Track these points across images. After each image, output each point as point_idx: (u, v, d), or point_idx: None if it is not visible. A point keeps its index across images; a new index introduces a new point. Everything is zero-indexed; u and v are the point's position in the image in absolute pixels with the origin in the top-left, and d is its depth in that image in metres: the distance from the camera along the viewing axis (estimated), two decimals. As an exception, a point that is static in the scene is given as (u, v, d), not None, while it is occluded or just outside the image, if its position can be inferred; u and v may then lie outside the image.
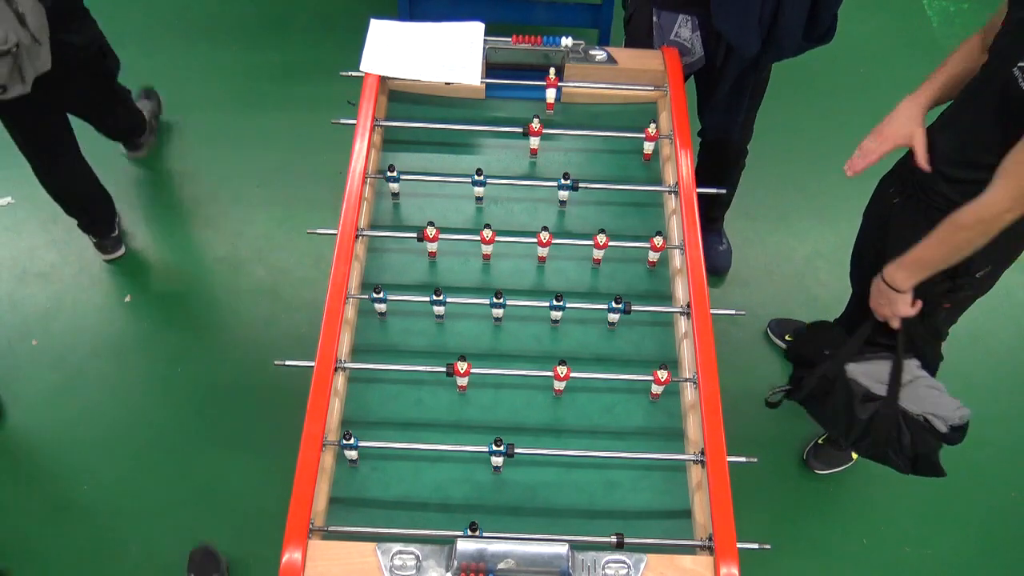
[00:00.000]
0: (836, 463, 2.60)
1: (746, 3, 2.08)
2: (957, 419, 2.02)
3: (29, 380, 2.71)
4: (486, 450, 1.56)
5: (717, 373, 1.63)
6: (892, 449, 2.05)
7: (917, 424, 2.02)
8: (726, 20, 2.13)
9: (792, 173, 3.27)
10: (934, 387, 2.05)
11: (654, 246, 1.84)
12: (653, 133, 2.00)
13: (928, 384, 2.05)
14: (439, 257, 1.90)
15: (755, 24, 2.12)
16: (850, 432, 2.07)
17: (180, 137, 3.31)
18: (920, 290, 1.98)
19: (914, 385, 2.04)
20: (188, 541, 2.40)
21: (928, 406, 2.02)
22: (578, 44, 2.12)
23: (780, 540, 2.29)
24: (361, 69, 2.07)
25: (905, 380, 2.03)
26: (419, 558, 1.42)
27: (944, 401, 2.04)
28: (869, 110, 3.48)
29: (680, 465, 1.64)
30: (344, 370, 1.69)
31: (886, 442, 2.04)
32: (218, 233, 3.04)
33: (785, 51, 2.21)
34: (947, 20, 3.87)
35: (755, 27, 2.13)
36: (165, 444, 2.59)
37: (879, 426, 2.03)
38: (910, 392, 2.03)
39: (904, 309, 1.94)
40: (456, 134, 2.08)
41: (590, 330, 1.81)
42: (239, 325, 2.84)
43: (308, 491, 1.47)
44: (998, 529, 2.55)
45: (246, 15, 3.72)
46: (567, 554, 1.41)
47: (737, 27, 2.14)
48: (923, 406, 2.02)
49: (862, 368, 2.06)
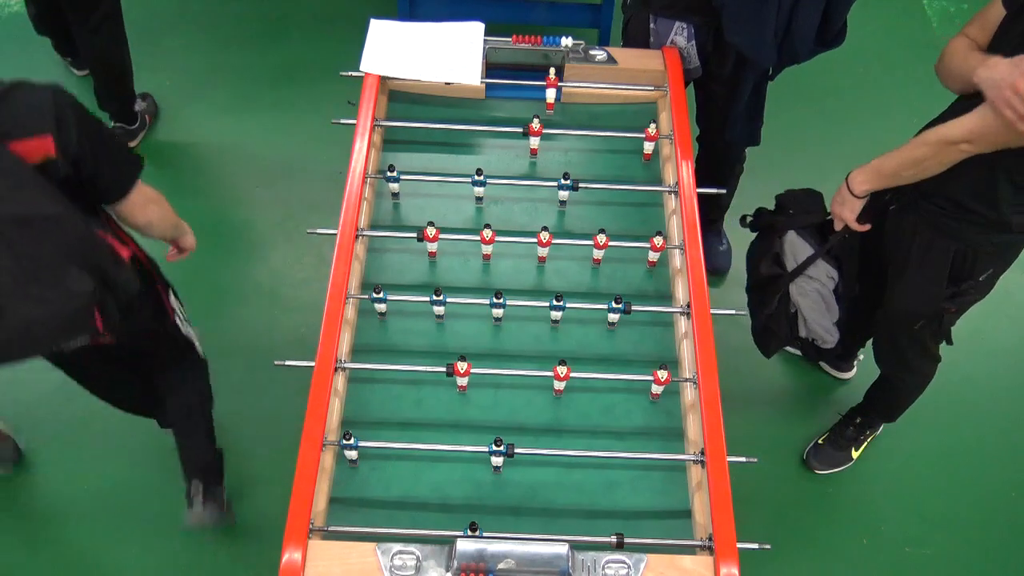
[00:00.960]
0: (836, 463, 2.60)
1: (761, 16, 2.07)
2: (816, 336, 2.21)
3: (29, 380, 2.71)
4: (486, 450, 1.57)
5: (717, 373, 1.63)
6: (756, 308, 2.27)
7: (785, 310, 2.20)
8: (739, 34, 2.13)
9: (792, 173, 3.26)
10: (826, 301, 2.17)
11: (654, 246, 1.84)
12: (653, 133, 2.00)
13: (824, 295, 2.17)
14: (439, 257, 1.90)
15: (771, 36, 2.12)
16: (749, 276, 2.32)
17: (179, 137, 3.31)
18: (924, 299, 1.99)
19: (813, 283, 2.16)
20: (188, 541, 2.40)
21: (806, 307, 2.17)
22: (578, 44, 2.12)
23: (780, 540, 2.29)
24: (361, 69, 2.08)
25: (811, 273, 2.15)
26: (419, 558, 1.42)
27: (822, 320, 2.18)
28: (869, 110, 3.51)
29: (680, 465, 1.64)
30: (344, 370, 1.69)
31: (760, 302, 2.25)
32: (218, 234, 3.03)
33: (800, 57, 2.21)
34: (947, 20, 3.87)
35: (771, 39, 2.12)
36: (165, 444, 2.58)
37: (765, 287, 2.22)
38: (805, 285, 2.16)
39: (849, 215, 2.00)
40: (456, 134, 2.08)
41: (590, 330, 1.81)
42: (239, 325, 2.83)
43: (308, 491, 1.47)
44: (998, 529, 2.55)
45: (246, 15, 3.72)
46: (567, 554, 1.41)
47: (752, 40, 2.13)
48: (804, 303, 2.17)
49: (796, 239, 2.17)
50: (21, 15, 3.54)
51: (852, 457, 2.60)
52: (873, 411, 2.53)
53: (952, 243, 1.91)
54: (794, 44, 2.15)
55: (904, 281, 2.03)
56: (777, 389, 2.79)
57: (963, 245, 1.90)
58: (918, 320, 2.07)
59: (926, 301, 2.01)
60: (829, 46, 2.21)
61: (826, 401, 2.74)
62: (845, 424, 2.59)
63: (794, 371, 2.82)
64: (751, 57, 2.18)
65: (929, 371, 2.30)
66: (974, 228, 1.86)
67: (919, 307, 2.04)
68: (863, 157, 1.97)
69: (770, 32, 2.10)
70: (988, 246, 1.90)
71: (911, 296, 2.03)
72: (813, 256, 2.14)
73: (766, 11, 2.06)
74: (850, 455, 2.60)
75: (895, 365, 2.28)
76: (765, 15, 2.07)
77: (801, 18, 2.09)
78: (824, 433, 2.62)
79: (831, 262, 2.15)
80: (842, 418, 2.61)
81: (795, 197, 2.22)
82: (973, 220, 1.85)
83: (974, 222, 1.85)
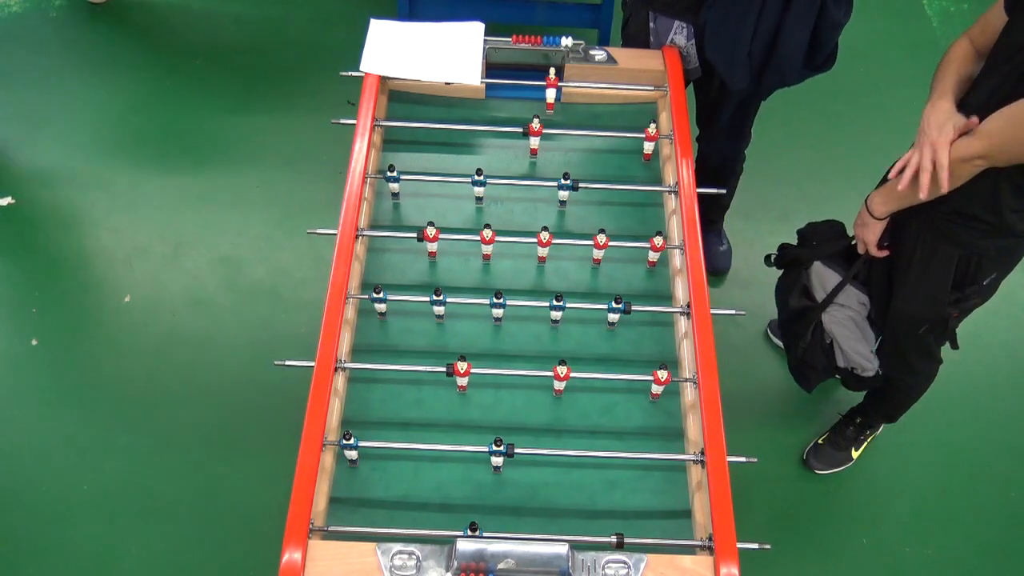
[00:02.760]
0: (836, 463, 2.60)
1: (735, 36, 2.08)
2: (855, 365, 2.19)
3: (29, 380, 2.71)
4: (486, 450, 1.57)
5: (717, 373, 1.63)
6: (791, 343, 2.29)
7: (820, 341, 2.20)
8: (715, 51, 2.13)
9: (792, 173, 3.27)
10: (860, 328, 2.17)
11: (654, 246, 1.84)
12: (653, 133, 2.00)
13: (858, 321, 2.17)
14: (439, 257, 1.90)
15: (744, 57, 2.12)
16: (780, 312, 2.33)
17: (179, 136, 3.31)
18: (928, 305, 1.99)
19: (845, 311, 2.15)
20: (188, 541, 2.40)
21: (842, 336, 2.17)
22: (578, 44, 2.12)
23: (780, 540, 2.29)
24: (361, 69, 2.08)
25: (842, 300, 2.15)
26: (419, 558, 1.42)
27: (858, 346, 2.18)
28: (869, 110, 3.52)
29: (680, 465, 1.64)
30: (344, 370, 1.69)
31: (795, 336, 2.26)
32: (218, 233, 3.04)
33: (788, 80, 2.21)
34: (947, 20, 3.87)
35: (744, 60, 2.12)
36: (165, 444, 2.59)
37: (797, 320, 2.23)
38: (837, 314, 2.16)
39: (872, 238, 2.01)
40: (456, 134, 2.08)
41: (590, 330, 1.81)
42: (239, 325, 2.84)
43: (308, 491, 1.47)
44: (998, 529, 2.55)
45: (246, 15, 3.72)
46: (567, 554, 1.41)
47: (726, 59, 2.14)
48: (839, 332, 2.17)
49: (823, 269, 2.17)
50: (21, 15, 3.55)
51: (852, 457, 2.60)
52: (874, 411, 2.53)
53: (955, 249, 1.91)
54: (782, 67, 2.15)
55: (908, 287, 2.02)
56: (777, 389, 2.79)
57: (966, 251, 1.90)
58: (922, 325, 2.07)
59: (930, 306, 2.01)
60: (819, 70, 2.21)
61: (826, 401, 2.74)
62: (845, 424, 2.58)
63: (794, 371, 2.82)
64: (724, 77, 2.19)
65: (932, 372, 2.30)
66: (977, 234, 1.86)
67: (923, 312, 2.04)
68: (863, 157, 1.98)
69: (743, 54, 2.11)
70: (992, 251, 1.89)
71: (915, 301, 2.03)
72: (841, 283, 2.13)
73: (742, 33, 2.07)
74: (850, 455, 2.60)
75: (898, 368, 2.28)
76: (741, 37, 2.08)
77: (786, 42, 2.09)
78: (824, 433, 2.62)
79: (860, 288, 2.14)
80: (842, 418, 2.60)
81: (816, 229, 2.22)
82: (976, 226, 1.84)
83: (977, 228, 1.84)
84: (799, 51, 2.13)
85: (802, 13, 2.05)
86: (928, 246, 1.94)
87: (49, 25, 3.61)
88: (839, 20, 2.11)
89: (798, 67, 2.18)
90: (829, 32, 2.11)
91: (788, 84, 2.24)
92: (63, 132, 3.29)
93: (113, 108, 3.37)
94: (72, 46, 3.57)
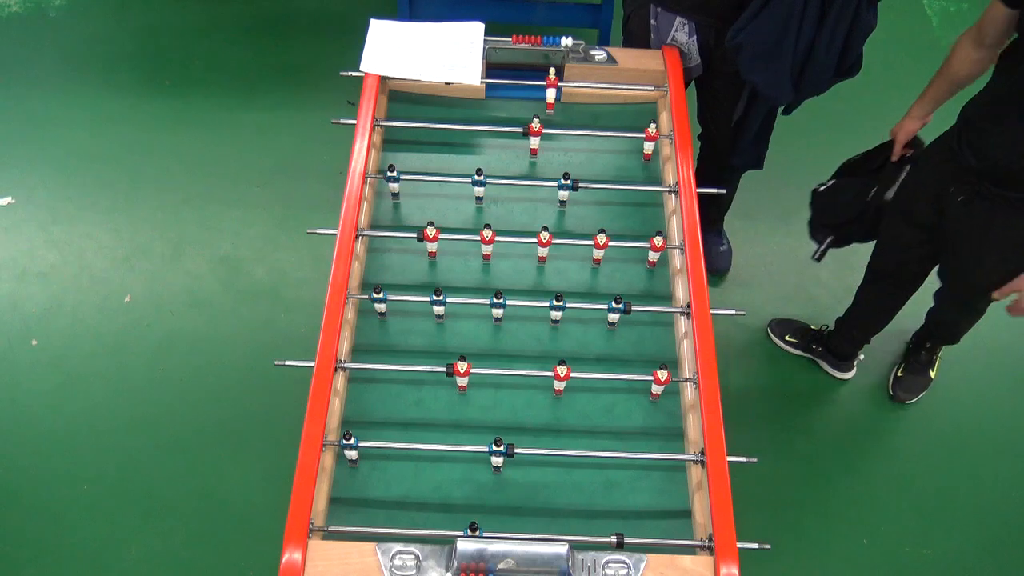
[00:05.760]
0: (921, 388, 2.73)
1: (777, 55, 2.07)
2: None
3: (29, 380, 2.71)
4: (486, 450, 1.57)
5: (717, 373, 1.63)
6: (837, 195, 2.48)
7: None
8: (757, 73, 2.13)
9: (792, 173, 3.27)
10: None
11: (654, 246, 1.84)
12: (653, 133, 2.00)
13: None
14: (439, 257, 1.90)
15: (787, 75, 2.12)
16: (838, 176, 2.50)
17: (179, 136, 3.31)
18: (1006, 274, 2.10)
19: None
20: (188, 541, 2.40)
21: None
22: (578, 44, 2.12)
23: (780, 540, 2.30)
24: (361, 69, 2.08)
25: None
26: (419, 558, 1.42)
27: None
28: (869, 110, 3.51)
29: (680, 465, 1.64)
30: (344, 370, 1.69)
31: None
32: (218, 233, 3.04)
33: (821, 89, 2.21)
34: (947, 20, 3.88)
35: (787, 78, 2.12)
36: (165, 444, 2.59)
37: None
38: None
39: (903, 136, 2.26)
40: (456, 134, 2.08)
41: (590, 330, 1.81)
42: (239, 325, 2.84)
43: (308, 491, 1.47)
44: (998, 529, 2.55)
45: (246, 15, 3.72)
46: (567, 554, 1.41)
47: (769, 79, 2.14)
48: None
49: None
50: (21, 15, 3.56)
51: (932, 377, 2.73)
52: (938, 337, 2.67)
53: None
54: (817, 77, 2.15)
55: (986, 265, 2.12)
56: (777, 389, 2.79)
57: None
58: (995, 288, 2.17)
59: (1008, 275, 2.09)
60: (846, 76, 2.20)
61: (826, 401, 2.74)
62: (917, 351, 2.71)
63: (794, 371, 2.82)
64: (767, 96, 2.20)
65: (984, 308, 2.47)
66: None
67: (1001, 280, 2.12)
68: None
69: (786, 70, 2.10)
70: None
71: (993, 274, 2.12)
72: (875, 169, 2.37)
73: (784, 49, 2.06)
74: (929, 376, 2.73)
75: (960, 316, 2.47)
76: (783, 53, 2.07)
77: (821, 52, 2.08)
78: (902, 363, 2.74)
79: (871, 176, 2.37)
80: (911, 347, 2.73)
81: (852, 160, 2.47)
82: None
83: None
84: (834, 58, 2.12)
85: (838, 23, 2.04)
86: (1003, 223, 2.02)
87: (49, 25, 3.62)
88: (871, 25, 2.10)
89: (830, 75, 2.17)
90: (860, 38, 2.11)
91: (820, 92, 2.23)
92: (63, 132, 3.29)
93: (113, 108, 3.37)
94: (72, 46, 3.57)
